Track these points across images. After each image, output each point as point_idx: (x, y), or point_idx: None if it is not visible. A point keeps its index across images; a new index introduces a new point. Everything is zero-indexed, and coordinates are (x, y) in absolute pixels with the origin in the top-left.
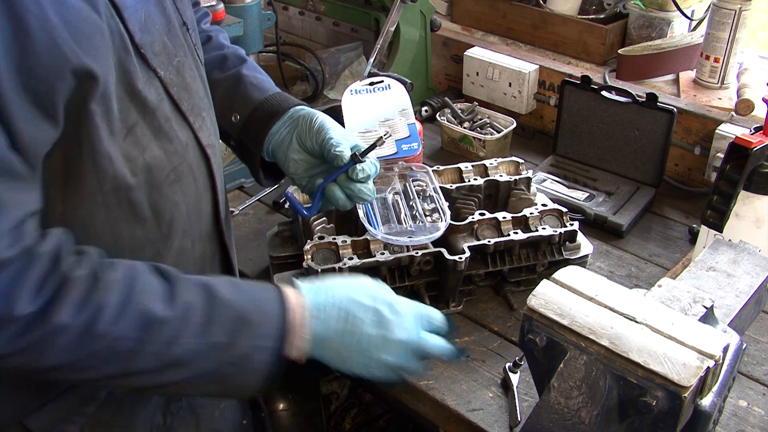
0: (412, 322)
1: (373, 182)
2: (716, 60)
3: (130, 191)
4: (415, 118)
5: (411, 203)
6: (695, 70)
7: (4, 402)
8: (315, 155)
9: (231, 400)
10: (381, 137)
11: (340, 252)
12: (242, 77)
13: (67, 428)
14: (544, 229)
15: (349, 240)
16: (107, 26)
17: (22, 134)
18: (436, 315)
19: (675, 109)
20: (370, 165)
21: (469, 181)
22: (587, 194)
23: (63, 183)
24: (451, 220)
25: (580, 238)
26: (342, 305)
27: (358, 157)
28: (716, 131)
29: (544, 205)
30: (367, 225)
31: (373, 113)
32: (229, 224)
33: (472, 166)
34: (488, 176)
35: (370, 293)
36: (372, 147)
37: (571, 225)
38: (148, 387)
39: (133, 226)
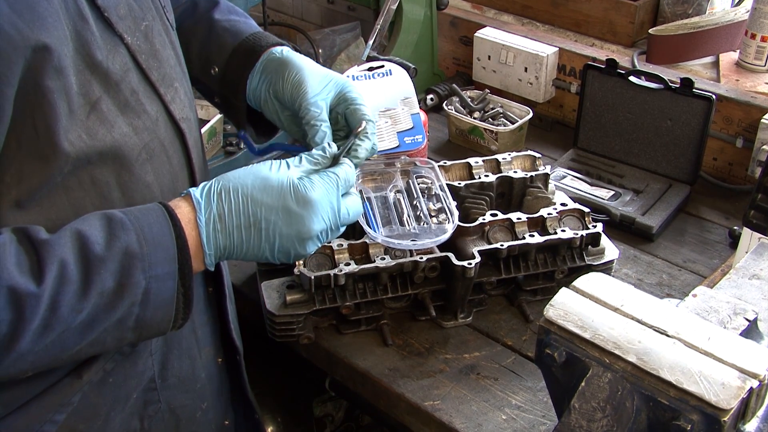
0: (327, 204)
1: (373, 179)
2: (763, 39)
3: (95, 173)
4: (420, 107)
5: (415, 203)
6: (738, 51)
7: None
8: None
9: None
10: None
11: (336, 257)
12: (214, 23)
13: None
14: (563, 231)
15: (345, 243)
16: None
17: None
18: (350, 177)
19: (714, 96)
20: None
21: (479, 177)
22: (612, 192)
23: (18, 165)
24: (460, 221)
25: (604, 241)
26: (245, 210)
27: (337, 157)
28: (762, 121)
29: (563, 204)
30: (365, 227)
31: (372, 102)
32: None
33: (483, 161)
34: (501, 172)
35: (274, 189)
36: (349, 148)
37: (594, 227)
38: (49, 364)
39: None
